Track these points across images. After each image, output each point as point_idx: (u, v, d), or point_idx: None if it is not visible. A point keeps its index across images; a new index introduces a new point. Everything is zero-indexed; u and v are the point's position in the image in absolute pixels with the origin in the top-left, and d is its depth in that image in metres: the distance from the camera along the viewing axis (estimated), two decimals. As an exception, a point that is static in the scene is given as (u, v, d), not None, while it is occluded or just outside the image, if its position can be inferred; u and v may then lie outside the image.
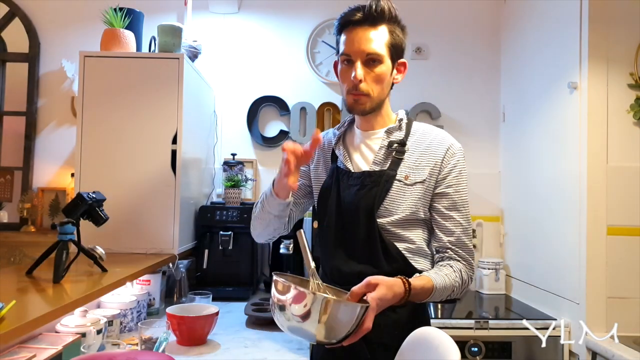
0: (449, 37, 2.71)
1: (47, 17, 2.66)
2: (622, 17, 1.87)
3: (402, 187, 1.21)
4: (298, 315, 0.96)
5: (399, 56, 1.24)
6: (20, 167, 2.59)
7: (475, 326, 1.97)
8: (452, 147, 1.24)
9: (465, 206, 1.24)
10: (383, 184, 1.21)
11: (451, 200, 1.22)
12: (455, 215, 1.22)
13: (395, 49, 1.22)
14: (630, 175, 1.86)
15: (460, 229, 1.22)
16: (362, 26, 1.19)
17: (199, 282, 2.25)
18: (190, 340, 1.60)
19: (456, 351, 0.90)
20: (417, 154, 1.24)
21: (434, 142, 1.25)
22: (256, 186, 2.66)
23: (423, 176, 1.21)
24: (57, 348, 1.25)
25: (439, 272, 1.17)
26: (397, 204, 1.21)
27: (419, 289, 1.11)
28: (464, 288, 1.21)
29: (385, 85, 1.23)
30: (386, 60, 1.20)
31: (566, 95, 2.01)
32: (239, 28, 2.72)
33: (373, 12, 1.18)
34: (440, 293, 1.15)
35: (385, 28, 1.20)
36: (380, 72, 1.20)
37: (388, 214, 1.20)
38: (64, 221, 1.43)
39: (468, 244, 1.23)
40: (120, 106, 1.95)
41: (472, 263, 1.23)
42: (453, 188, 1.22)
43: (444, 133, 1.28)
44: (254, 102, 2.68)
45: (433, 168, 1.22)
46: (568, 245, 1.96)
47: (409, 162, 1.23)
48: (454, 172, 1.23)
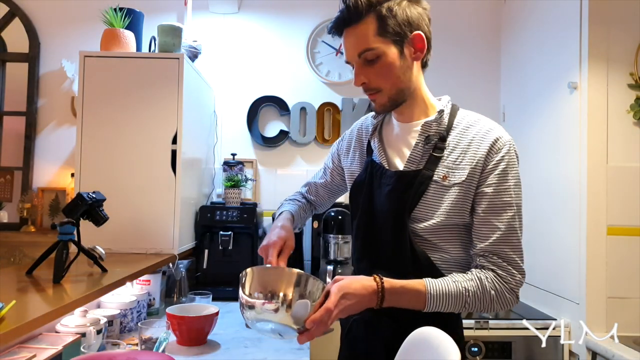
0: (449, 37, 2.71)
1: (47, 17, 2.66)
2: (622, 17, 1.87)
3: (439, 189, 1.08)
4: (263, 298, 0.93)
5: (404, 33, 1.07)
6: (20, 167, 2.59)
7: (475, 326, 1.97)
8: (499, 141, 1.08)
9: (508, 210, 1.06)
10: (417, 186, 1.08)
11: (489, 202, 1.06)
12: (493, 219, 1.06)
13: (395, 29, 1.06)
14: (630, 175, 1.86)
15: (498, 233, 1.05)
16: (348, 27, 1.08)
17: (199, 282, 2.25)
18: (190, 340, 1.60)
19: (456, 351, 0.90)
20: (458, 151, 1.09)
21: (477, 137, 1.09)
22: (256, 186, 2.66)
23: (462, 177, 1.07)
24: (57, 348, 1.24)
25: (446, 278, 1.05)
26: (433, 208, 1.07)
27: (399, 287, 1.01)
28: (491, 300, 1.04)
29: (401, 73, 1.08)
30: (386, 49, 1.06)
31: (566, 95, 2.01)
32: (239, 28, 2.72)
33: (352, 11, 1.06)
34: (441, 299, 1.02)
35: (372, 16, 1.05)
36: (383, 65, 1.07)
37: (422, 219, 1.08)
38: (64, 221, 1.43)
39: (509, 253, 1.05)
40: (120, 106, 1.95)
41: (511, 274, 1.05)
42: (493, 188, 1.06)
43: (491, 124, 1.12)
44: (254, 102, 2.68)
45: (474, 167, 1.07)
46: (568, 245, 1.96)
47: (449, 161, 1.09)
48: (497, 169, 1.06)
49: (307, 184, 1.46)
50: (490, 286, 1.04)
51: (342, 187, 1.40)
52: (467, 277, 1.05)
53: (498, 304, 1.05)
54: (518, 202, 1.09)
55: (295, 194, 1.46)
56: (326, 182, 1.41)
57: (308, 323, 0.94)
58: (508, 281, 1.05)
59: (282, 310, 0.92)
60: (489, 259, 1.06)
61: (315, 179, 1.45)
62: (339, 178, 1.38)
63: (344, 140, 1.36)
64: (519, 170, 1.11)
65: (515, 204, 1.08)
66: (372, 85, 1.10)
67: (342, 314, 0.99)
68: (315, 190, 1.43)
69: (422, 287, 1.03)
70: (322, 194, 1.43)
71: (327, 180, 1.41)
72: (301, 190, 1.47)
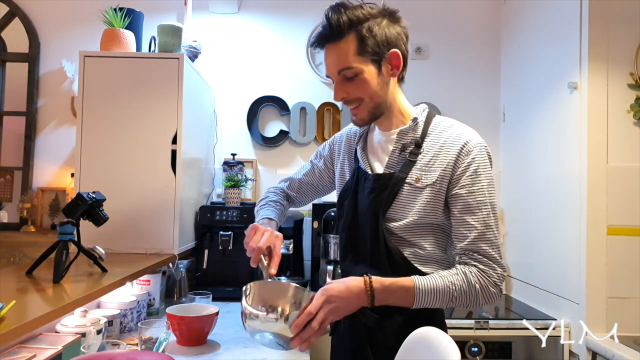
0: (449, 37, 2.71)
1: (47, 17, 2.66)
2: (622, 17, 1.87)
3: (413, 190, 1.14)
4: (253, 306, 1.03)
5: (382, 52, 1.13)
6: (20, 167, 2.59)
7: (475, 326, 1.97)
8: (468, 144, 1.14)
9: (483, 208, 1.11)
10: (391, 187, 1.16)
11: (464, 203, 1.12)
12: (470, 218, 1.11)
13: (374, 48, 1.12)
14: (630, 175, 1.86)
15: (475, 232, 1.10)
16: (329, 44, 1.14)
17: (199, 282, 2.25)
18: (190, 340, 1.60)
19: (456, 351, 0.90)
20: (430, 155, 1.16)
21: (449, 141, 1.15)
22: (256, 186, 2.66)
23: (433, 179, 1.13)
24: (57, 348, 1.24)
25: (433, 274, 1.11)
26: (407, 208, 1.14)
27: (389, 284, 1.06)
28: (476, 294, 1.09)
29: (378, 88, 1.15)
30: (365, 67, 1.12)
31: (566, 95, 2.01)
32: (239, 28, 2.72)
33: (333, 29, 1.12)
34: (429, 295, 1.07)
35: (353, 35, 1.11)
36: (362, 82, 1.13)
37: (397, 218, 1.15)
38: (64, 221, 1.43)
39: (487, 250, 1.10)
40: (120, 106, 1.95)
41: (492, 268, 1.10)
42: (466, 189, 1.12)
43: (462, 129, 1.18)
44: (254, 102, 2.68)
45: (445, 169, 1.13)
46: (568, 245, 1.96)
47: (422, 164, 1.15)
48: (469, 171, 1.12)
49: (288, 179, 1.49)
50: (475, 280, 1.09)
51: (328, 188, 1.45)
52: (452, 272, 1.11)
53: (483, 297, 1.10)
54: (492, 200, 1.14)
55: (275, 189, 1.48)
56: (313, 180, 1.45)
57: (292, 328, 1.00)
58: (490, 275, 1.10)
59: (281, 321, 1.01)
60: (470, 256, 1.11)
61: (299, 175, 1.47)
62: (328, 179, 1.43)
63: (335, 144, 1.40)
64: (491, 171, 1.16)
65: (489, 202, 1.13)
66: (351, 99, 1.17)
67: (333, 315, 1.04)
68: (297, 187, 1.47)
69: (411, 284, 1.08)
70: (305, 190, 1.46)
71: (315, 180, 1.44)
72: (281, 186, 1.49)
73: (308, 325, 1.01)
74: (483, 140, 1.17)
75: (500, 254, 1.12)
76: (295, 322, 1.00)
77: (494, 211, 1.13)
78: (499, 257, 1.11)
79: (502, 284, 1.12)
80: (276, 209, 1.40)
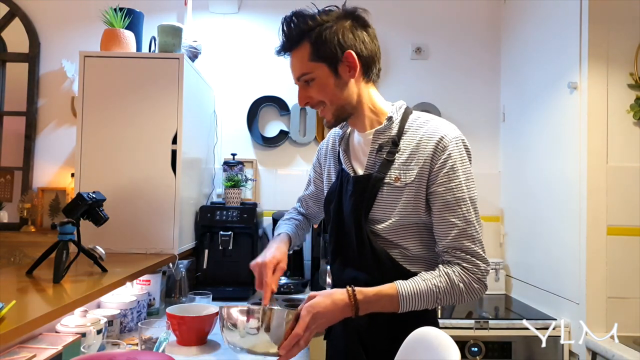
0: (449, 37, 2.71)
1: (47, 17, 2.66)
2: (622, 17, 1.87)
3: (393, 190, 1.14)
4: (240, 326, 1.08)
5: (337, 55, 1.13)
6: (20, 167, 2.59)
7: (475, 326, 1.97)
8: (444, 139, 1.11)
9: (462, 205, 1.10)
10: (370, 189, 1.15)
11: (443, 200, 1.11)
12: (450, 216, 1.10)
13: (327, 52, 1.13)
14: (630, 175, 1.86)
15: (457, 229, 1.10)
16: (287, 52, 1.20)
17: (199, 282, 2.25)
18: (190, 340, 1.60)
19: (456, 351, 0.90)
20: (408, 152, 1.14)
21: (425, 137, 1.13)
22: (256, 186, 2.67)
23: (412, 177, 1.12)
24: (57, 348, 1.24)
25: (416, 278, 1.10)
26: (389, 209, 1.14)
27: (372, 295, 1.07)
28: (460, 292, 1.10)
29: (337, 90, 1.16)
30: (319, 71, 1.15)
31: (566, 95, 2.01)
32: (239, 28, 2.72)
33: (287, 39, 1.17)
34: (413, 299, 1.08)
35: (306, 42, 1.14)
36: (319, 85, 1.16)
37: (380, 220, 1.15)
38: (64, 221, 1.43)
39: (470, 246, 1.10)
40: (120, 106, 1.95)
41: (475, 265, 1.11)
42: (444, 186, 1.10)
43: (437, 123, 1.16)
44: (254, 102, 2.68)
45: (422, 167, 1.12)
46: (568, 245, 1.96)
47: (400, 162, 1.14)
48: (445, 167, 1.10)
49: (299, 199, 1.54)
50: (458, 279, 1.10)
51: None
52: (435, 273, 1.11)
53: (468, 294, 1.11)
54: (471, 195, 1.12)
55: (291, 210, 1.54)
56: (312, 192, 1.48)
57: (280, 350, 1.03)
58: (474, 272, 1.11)
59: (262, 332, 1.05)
60: (453, 254, 1.11)
61: (304, 192, 1.52)
62: (322, 186, 1.43)
63: (321, 149, 1.42)
64: (469, 165, 1.14)
65: (468, 197, 1.12)
66: (314, 103, 1.19)
67: (318, 329, 1.06)
68: (306, 204, 1.52)
69: (394, 291, 1.08)
70: (311, 205, 1.50)
71: (313, 191, 1.48)
72: (295, 206, 1.55)
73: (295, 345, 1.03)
74: (460, 134, 1.16)
75: (484, 248, 1.13)
76: (283, 345, 1.03)
77: (475, 205, 1.12)
78: (482, 252, 1.12)
79: (485, 279, 1.13)
80: (292, 224, 1.45)
